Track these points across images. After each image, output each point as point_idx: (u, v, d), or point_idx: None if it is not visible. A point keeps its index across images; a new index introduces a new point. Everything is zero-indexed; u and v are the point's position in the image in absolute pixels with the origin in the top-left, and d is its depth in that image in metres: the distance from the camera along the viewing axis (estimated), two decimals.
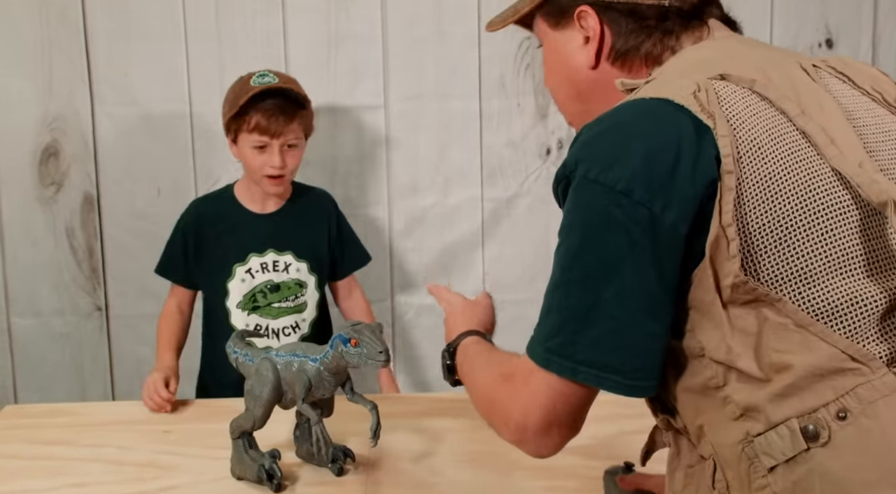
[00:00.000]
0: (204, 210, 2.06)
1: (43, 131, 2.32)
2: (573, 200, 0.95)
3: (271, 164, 1.94)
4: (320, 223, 2.08)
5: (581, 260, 0.94)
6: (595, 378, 0.94)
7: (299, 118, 1.96)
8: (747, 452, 0.92)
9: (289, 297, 2.02)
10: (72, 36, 2.29)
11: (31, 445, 1.64)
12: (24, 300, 2.40)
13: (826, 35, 2.33)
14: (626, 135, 0.94)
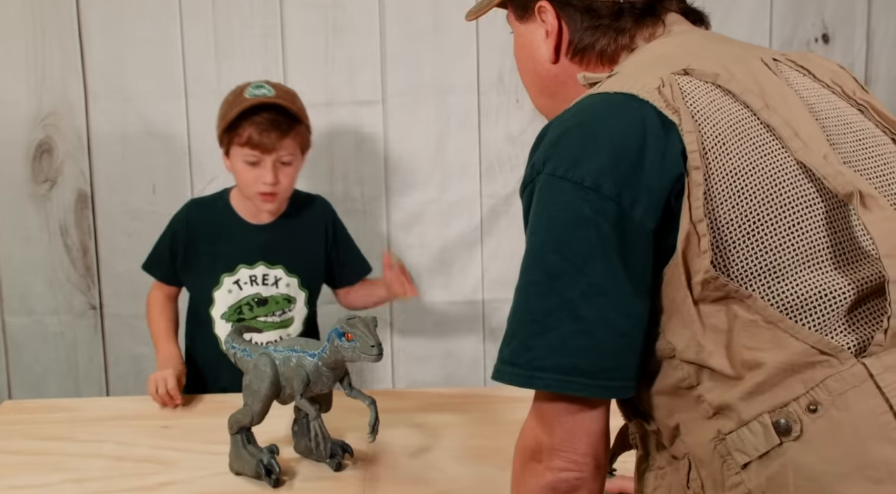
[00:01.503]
0: (197, 213, 2.03)
1: (36, 127, 2.35)
2: (539, 200, 0.95)
3: (263, 181, 1.88)
4: (316, 235, 2.05)
5: (545, 261, 0.94)
6: (558, 383, 0.93)
7: (294, 134, 1.90)
8: (720, 450, 0.93)
9: (276, 312, 1.99)
10: (65, 27, 2.31)
11: (30, 440, 1.67)
12: (17, 298, 2.43)
13: (822, 30, 2.37)
14: (592, 131, 0.95)
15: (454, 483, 1.47)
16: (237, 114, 1.86)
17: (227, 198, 2.03)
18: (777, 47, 2.39)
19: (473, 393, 1.86)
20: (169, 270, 2.03)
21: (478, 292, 2.50)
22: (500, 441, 1.61)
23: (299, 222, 2.03)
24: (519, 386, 0.95)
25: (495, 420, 1.73)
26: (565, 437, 0.96)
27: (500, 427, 1.69)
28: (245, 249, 1.98)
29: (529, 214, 0.97)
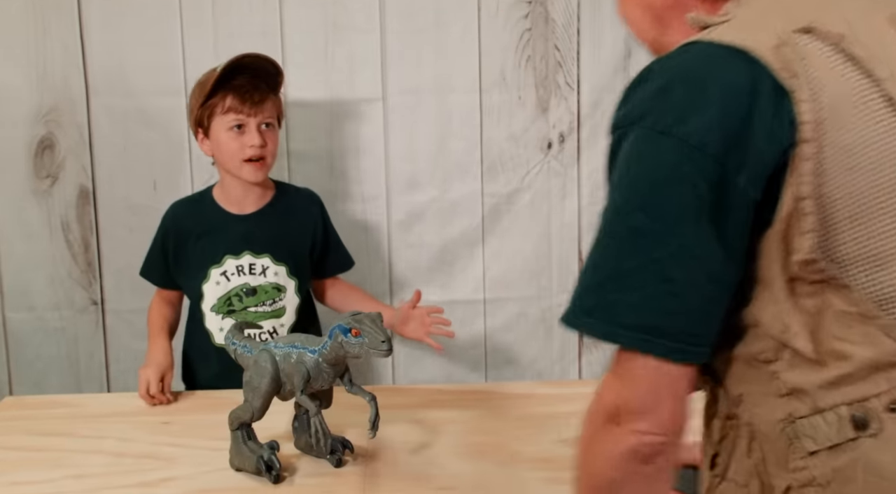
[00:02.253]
0: (181, 212, 2.06)
1: (38, 123, 2.37)
2: (631, 153, 0.90)
3: (251, 143, 1.91)
4: (303, 225, 2.06)
5: (629, 217, 0.89)
6: (642, 342, 0.88)
7: (273, 97, 1.96)
8: (788, 432, 0.90)
9: (266, 301, 2.00)
10: (66, 23, 2.32)
11: (31, 436, 1.69)
12: (18, 294, 2.45)
13: None
14: (702, 85, 0.88)
15: (455, 480, 1.49)
16: (214, 84, 1.89)
17: (209, 194, 2.06)
18: None
19: (474, 389, 1.88)
20: (164, 274, 2.06)
21: (479, 291, 2.51)
22: (501, 438, 1.64)
23: (285, 211, 2.04)
24: (597, 338, 0.91)
25: (496, 417, 1.74)
26: (651, 398, 0.90)
27: (501, 423, 1.71)
28: (230, 240, 2.00)
29: (614, 163, 0.92)
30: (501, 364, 2.53)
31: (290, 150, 2.41)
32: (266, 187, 2.05)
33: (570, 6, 2.37)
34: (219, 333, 2.01)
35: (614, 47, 2.40)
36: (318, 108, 2.38)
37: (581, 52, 2.40)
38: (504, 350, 2.54)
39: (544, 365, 2.53)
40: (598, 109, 2.42)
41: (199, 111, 1.94)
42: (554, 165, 2.44)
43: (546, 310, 2.52)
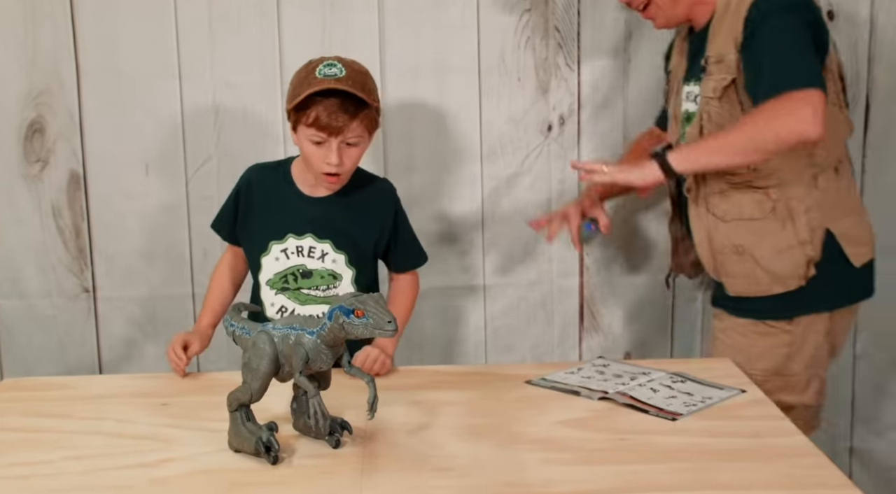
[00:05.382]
0: (257, 178, 2.10)
1: (28, 106, 2.40)
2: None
3: (327, 161, 1.93)
4: (373, 217, 2.08)
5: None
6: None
7: (362, 116, 1.93)
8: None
9: (319, 286, 2.04)
10: (57, 4, 2.35)
11: (29, 418, 1.74)
12: (9, 281, 2.49)
13: (828, 7, 2.42)
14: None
15: (453, 461, 1.53)
16: (309, 94, 1.89)
17: (288, 166, 2.09)
18: None
19: (472, 370, 1.93)
20: (231, 230, 2.12)
21: (479, 277, 2.56)
22: (499, 419, 1.70)
23: (356, 200, 2.07)
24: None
25: (494, 398, 1.80)
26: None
27: (500, 404, 1.77)
28: (296, 219, 2.04)
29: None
30: (501, 349, 2.59)
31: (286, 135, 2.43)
32: (339, 186, 2.05)
33: None
34: (270, 308, 2.07)
35: (615, 28, 2.45)
36: None
37: (581, 34, 2.44)
38: (504, 335, 2.59)
39: (545, 350, 2.59)
40: (598, 91, 2.48)
41: (289, 111, 1.96)
42: (554, 148, 2.50)
43: (546, 295, 2.57)
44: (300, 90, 1.91)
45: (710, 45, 1.99)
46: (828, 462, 1.50)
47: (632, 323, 2.61)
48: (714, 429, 1.63)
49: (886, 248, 2.52)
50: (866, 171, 2.52)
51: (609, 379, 1.87)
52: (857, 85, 2.48)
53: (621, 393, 1.78)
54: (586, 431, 1.64)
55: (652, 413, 1.70)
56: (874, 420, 2.65)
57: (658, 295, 2.59)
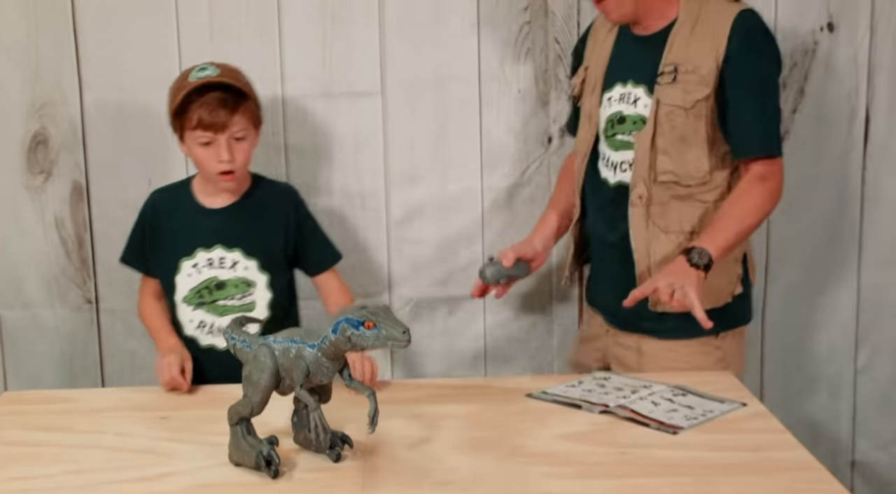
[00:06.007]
0: (160, 200, 2.13)
1: (31, 118, 2.39)
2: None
3: (219, 159, 1.97)
4: (276, 220, 2.10)
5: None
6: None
7: (243, 109, 1.98)
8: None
9: (235, 295, 2.05)
10: (60, 17, 2.35)
11: (29, 431, 1.73)
12: (13, 292, 2.48)
13: (827, 19, 2.41)
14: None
15: (453, 474, 1.52)
16: (183, 98, 1.94)
17: (189, 184, 2.12)
18: (781, 36, 2.41)
19: (473, 383, 1.92)
20: (144, 259, 2.12)
21: None
22: (500, 432, 1.68)
23: (258, 206, 2.09)
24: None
25: (495, 411, 1.78)
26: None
27: (500, 418, 1.75)
28: (202, 232, 2.06)
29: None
30: (501, 359, 2.57)
31: (287, 144, 2.44)
32: (242, 181, 2.09)
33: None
34: (189, 324, 2.07)
35: None
36: (317, 102, 2.42)
37: None
38: (504, 345, 2.57)
39: (544, 361, 2.57)
40: None
41: (172, 120, 2.01)
42: (554, 160, 2.48)
43: (545, 306, 2.56)
44: (177, 97, 1.95)
45: (672, 52, 1.96)
46: (829, 477, 1.48)
47: None
48: (715, 443, 1.61)
49: (886, 261, 2.51)
50: (866, 183, 2.51)
51: (610, 392, 1.84)
52: (857, 97, 2.46)
53: (622, 406, 1.76)
54: (587, 445, 1.62)
55: (653, 426, 1.68)
56: (876, 435, 2.62)
57: None
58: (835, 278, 2.54)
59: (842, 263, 2.54)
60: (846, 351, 2.58)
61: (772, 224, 2.50)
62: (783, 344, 2.57)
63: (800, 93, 2.46)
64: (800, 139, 2.47)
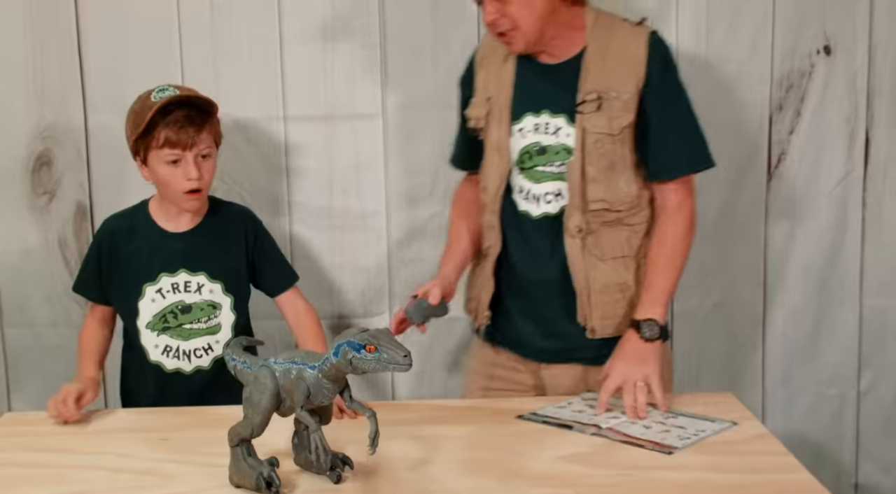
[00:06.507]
0: (116, 227, 2.08)
1: (36, 139, 2.39)
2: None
3: (188, 177, 1.94)
4: (236, 241, 2.08)
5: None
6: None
7: (208, 127, 1.97)
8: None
9: (201, 319, 2.03)
10: (64, 40, 2.35)
11: (31, 453, 1.71)
12: (17, 310, 2.47)
13: (824, 42, 2.41)
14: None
15: None
16: (151, 117, 1.91)
17: (145, 208, 2.08)
18: (779, 59, 2.43)
19: (474, 405, 1.90)
20: (98, 289, 2.08)
21: None
22: (500, 454, 1.66)
23: (219, 228, 2.07)
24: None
25: (495, 433, 1.76)
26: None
27: (500, 439, 1.73)
28: (165, 257, 2.03)
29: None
30: None
31: (289, 167, 2.44)
32: (204, 202, 2.06)
33: None
34: (154, 350, 2.04)
35: None
36: (318, 124, 2.41)
37: None
38: None
39: None
40: None
41: (135, 143, 1.97)
42: None
43: None
44: (142, 116, 1.92)
45: (590, 80, 1.93)
46: None
47: None
48: (716, 465, 1.59)
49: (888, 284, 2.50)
50: (867, 206, 2.50)
51: (600, 413, 1.82)
52: (857, 120, 2.46)
53: (613, 429, 1.74)
54: (587, 466, 1.60)
55: (648, 447, 1.66)
56: (880, 457, 2.60)
57: None
58: (837, 301, 2.53)
59: (843, 286, 2.53)
60: (849, 373, 2.56)
61: (771, 247, 2.49)
62: (785, 367, 2.56)
63: (796, 115, 2.45)
64: (798, 161, 2.46)
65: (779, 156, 2.48)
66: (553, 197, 1.97)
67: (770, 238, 2.50)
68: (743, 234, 2.50)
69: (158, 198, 2.06)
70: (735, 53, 2.42)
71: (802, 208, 2.46)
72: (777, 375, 2.56)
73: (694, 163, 1.98)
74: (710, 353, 2.55)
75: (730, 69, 2.43)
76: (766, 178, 2.48)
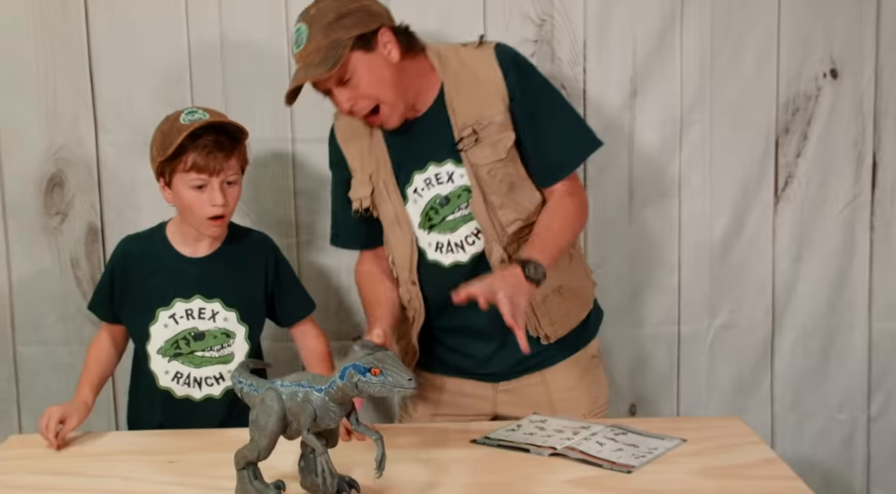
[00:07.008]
0: (132, 248, 2.04)
1: (48, 161, 2.39)
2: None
3: (213, 203, 1.90)
4: (256, 269, 2.03)
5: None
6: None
7: (237, 153, 1.93)
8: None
9: (214, 347, 1.98)
10: (76, 62, 2.35)
11: (36, 475, 1.69)
12: (30, 329, 2.46)
13: (831, 65, 2.39)
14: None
15: None
16: (181, 141, 1.87)
17: (163, 231, 2.04)
18: (785, 83, 2.40)
19: (481, 428, 1.87)
20: (110, 309, 2.05)
21: None
22: (508, 477, 1.63)
23: (237, 255, 2.03)
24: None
25: (503, 456, 1.73)
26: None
27: (508, 462, 1.70)
28: (181, 282, 1.98)
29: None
30: None
31: (297, 189, 2.42)
32: (224, 228, 2.02)
33: (576, 45, 2.38)
34: (164, 376, 2.00)
35: (621, 86, 2.40)
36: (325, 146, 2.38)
37: (587, 91, 2.40)
38: None
39: None
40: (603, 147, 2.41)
41: (161, 164, 1.93)
42: None
43: None
44: (171, 138, 1.88)
45: (458, 116, 1.89)
46: None
47: (636, 376, 2.54)
48: (726, 489, 1.57)
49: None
50: (875, 229, 2.47)
51: (552, 435, 1.79)
52: (864, 142, 2.43)
53: (570, 447, 1.71)
54: (597, 491, 1.57)
55: (605, 466, 1.63)
56: (891, 483, 2.56)
57: (663, 348, 2.52)
58: (846, 324, 2.50)
59: (852, 309, 2.49)
60: (859, 398, 2.53)
61: (780, 270, 2.47)
62: (794, 390, 2.53)
63: (803, 139, 2.43)
64: (805, 184, 2.44)
65: (786, 178, 2.45)
66: (475, 238, 1.93)
67: (778, 260, 2.47)
68: (750, 256, 2.48)
69: (177, 221, 2.03)
70: (739, 77, 2.40)
71: (810, 231, 2.43)
72: (786, 399, 2.53)
73: (580, 152, 1.98)
74: (717, 376, 2.52)
75: (734, 93, 2.41)
76: (774, 201, 2.46)
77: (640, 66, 2.39)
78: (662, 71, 2.39)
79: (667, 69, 2.39)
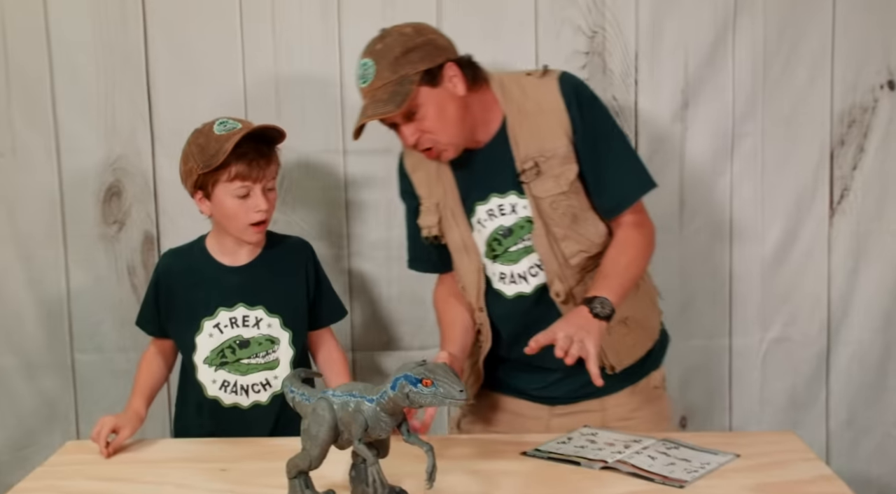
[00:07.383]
0: (174, 262, 2.05)
1: (106, 171, 2.43)
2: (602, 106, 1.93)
3: (257, 209, 1.91)
4: (296, 274, 2.04)
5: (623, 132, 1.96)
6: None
7: (274, 157, 1.96)
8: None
9: (259, 353, 1.98)
10: (135, 78, 2.39)
11: (92, 481, 1.70)
12: (87, 336, 2.49)
13: (888, 77, 2.34)
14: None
15: None
16: (227, 151, 1.86)
17: (202, 243, 2.05)
18: (839, 94, 2.36)
19: (533, 440, 1.84)
20: (157, 323, 2.06)
21: None
22: (559, 490, 1.60)
23: (277, 261, 2.03)
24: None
25: (553, 468, 1.70)
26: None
27: (558, 475, 1.67)
28: (223, 292, 1.99)
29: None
30: None
31: (348, 200, 2.42)
32: (263, 237, 2.03)
33: (628, 57, 2.36)
34: (211, 385, 2.00)
35: (672, 98, 2.38)
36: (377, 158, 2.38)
37: (639, 103, 2.38)
38: None
39: None
40: (656, 159, 2.39)
41: (202, 177, 1.92)
42: None
43: None
44: (213, 150, 1.88)
45: (520, 148, 1.87)
46: None
47: (687, 388, 2.49)
48: None
49: None
50: None
51: (603, 448, 1.76)
52: None
53: (621, 461, 1.68)
54: None
55: (657, 481, 1.59)
56: None
57: (715, 361, 2.47)
58: None
59: None
60: None
61: (836, 283, 2.42)
62: (850, 406, 2.47)
63: (859, 151, 2.38)
64: (862, 196, 2.40)
65: (841, 191, 2.40)
66: (538, 269, 1.91)
67: (833, 273, 2.42)
68: (805, 269, 2.43)
69: (215, 233, 2.04)
70: (793, 88, 2.35)
71: (866, 244, 2.38)
72: (841, 415, 2.47)
73: (639, 189, 1.92)
74: (771, 390, 2.47)
75: (787, 104, 2.36)
76: (829, 214, 2.41)
77: (692, 78, 2.35)
78: (714, 82, 2.36)
79: (719, 80, 2.36)
